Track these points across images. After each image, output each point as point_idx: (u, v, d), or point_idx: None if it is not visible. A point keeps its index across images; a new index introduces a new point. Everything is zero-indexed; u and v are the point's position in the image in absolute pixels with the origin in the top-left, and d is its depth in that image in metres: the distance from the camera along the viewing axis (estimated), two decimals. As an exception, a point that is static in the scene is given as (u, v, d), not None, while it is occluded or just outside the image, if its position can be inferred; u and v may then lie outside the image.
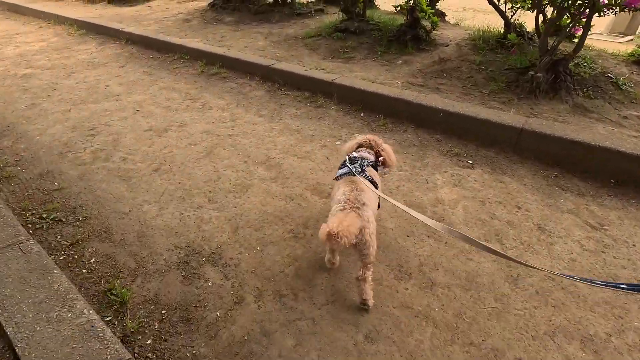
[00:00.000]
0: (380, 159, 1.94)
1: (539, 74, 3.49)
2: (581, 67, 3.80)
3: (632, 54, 4.27)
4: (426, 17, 4.74)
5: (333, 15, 6.11)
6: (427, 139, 3.20)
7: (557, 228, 2.23)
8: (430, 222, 1.27)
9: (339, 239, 1.39)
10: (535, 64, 3.77)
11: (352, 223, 1.45)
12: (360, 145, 1.98)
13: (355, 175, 1.70)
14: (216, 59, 4.94)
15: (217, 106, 3.86)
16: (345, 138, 3.20)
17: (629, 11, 3.17)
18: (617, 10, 3.15)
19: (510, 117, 3.04)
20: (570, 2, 3.23)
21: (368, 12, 5.54)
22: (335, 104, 3.82)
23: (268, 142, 3.16)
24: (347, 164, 1.80)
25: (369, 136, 2.01)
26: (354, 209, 1.55)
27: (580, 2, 3.21)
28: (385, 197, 1.50)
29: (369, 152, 1.93)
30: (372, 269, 1.66)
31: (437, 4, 5.45)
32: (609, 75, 3.85)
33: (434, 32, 4.93)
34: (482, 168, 2.80)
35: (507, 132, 2.91)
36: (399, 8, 6.61)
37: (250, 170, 2.80)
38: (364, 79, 3.99)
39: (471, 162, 2.85)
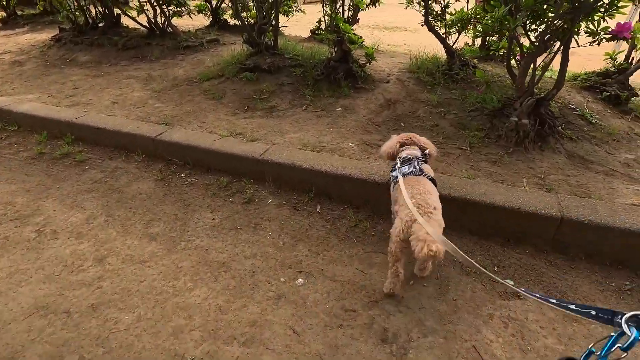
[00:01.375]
0: (426, 151, 1.95)
1: (524, 121, 2.76)
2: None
3: (574, 77, 3.96)
4: (357, 48, 3.79)
5: (233, 47, 4.80)
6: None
7: None
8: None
9: (439, 258, 1.39)
10: (507, 103, 3.07)
11: (439, 241, 1.37)
12: (402, 144, 1.99)
13: (416, 175, 1.74)
14: (66, 128, 3.19)
15: (67, 228, 2.22)
16: (309, 264, 1.95)
17: (617, 41, 2.63)
18: (601, 39, 2.58)
19: (537, 198, 2.14)
20: (551, 30, 2.55)
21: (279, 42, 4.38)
22: (272, 193, 2.53)
23: (174, 313, 1.70)
24: (400, 165, 1.82)
25: (405, 134, 2.05)
26: (428, 214, 1.55)
27: (561, 30, 2.56)
28: None
29: (414, 149, 1.95)
30: None
31: (354, 27, 4.58)
32: (572, 106, 3.38)
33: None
34: (529, 286, 1.84)
35: (540, 224, 2.02)
36: (315, 33, 5.66)
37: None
38: (305, 144, 2.79)
39: (512, 282, 1.87)
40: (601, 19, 2.42)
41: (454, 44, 3.90)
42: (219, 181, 2.63)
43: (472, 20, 3.00)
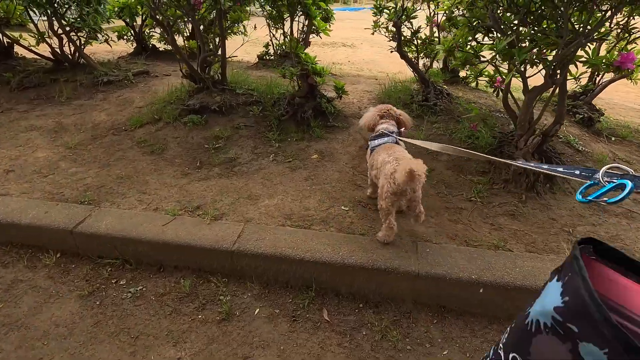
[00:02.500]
0: (402, 130, 2.14)
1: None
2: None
3: (543, 100, 3.86)
4: (324, 81, 3.27)
5: (169, 80, 3.99)
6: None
7: None
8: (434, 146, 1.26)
9: (419, 177, 1.56)
10: (502, 139, 2.76)
11: (419, 163, 1.57)
12: (381, 117, 2.12)
13: (394, 143, 1.95)
14: None
15: None
16: None
17: (618, 73, 2.44)
18: (605, 71, 2.36)
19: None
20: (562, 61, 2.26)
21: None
22: (257, 296, 1.84)
23: None
24: (378, 137, 2.02)
25: (383, 106, 2.18)
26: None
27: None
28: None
29: (392, 124, 2.11)
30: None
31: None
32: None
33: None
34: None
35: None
36: (263, 59, 5.01)
37: None
38: (287, 216, 2.16)
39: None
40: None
41: (426, 71, 3.57)
42: (178, 287, 1.88)
43: (456, 48, 2.66)
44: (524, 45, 2.29)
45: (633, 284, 0.49)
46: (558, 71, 2.31)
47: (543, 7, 2.23)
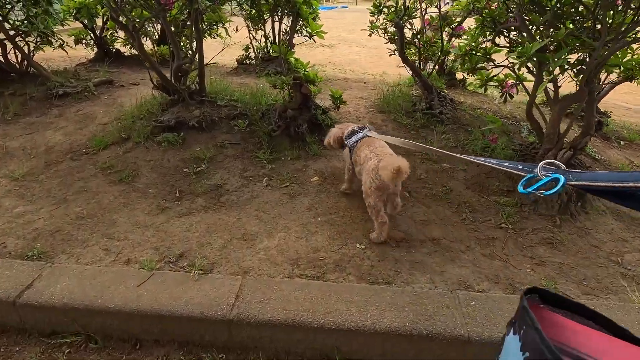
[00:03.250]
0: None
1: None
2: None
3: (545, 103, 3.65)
4: (319, 90, 2.89)
5: (137, 90, 3.48)
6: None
7: None
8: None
9: (405, 173, 1.61)
10: (524, 152, 2.48)
11: (403, 160, 1.64)
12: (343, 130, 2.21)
13: (370, 136, 1.97)
14: None
15: None
16: None
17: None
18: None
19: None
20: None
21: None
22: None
23: None
24: (351, 135, 2.09)
25: (344, 125, 2.29)
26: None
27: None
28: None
29: (357, 126, 2.17)
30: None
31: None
32: (566, 140, 2.97)
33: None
34: None
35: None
36: (244, 63, 4.55)
37: None
38: (293, 261, 1.77)
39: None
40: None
41: (415, 69, 3.25)
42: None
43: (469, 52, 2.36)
44: (551, 48, 2.01)
45: (579, 325, 0.52)
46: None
47: (575, 6, 1.95)
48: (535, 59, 1.94)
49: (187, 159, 2.62)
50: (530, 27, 2.07)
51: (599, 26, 1.88)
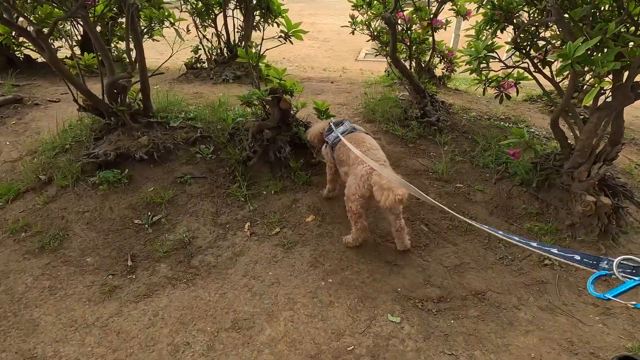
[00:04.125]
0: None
1: (604, 199, 1.88)
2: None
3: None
4: (304, 106, 2.35)
5: (58, 110, 2.68)
6: None
7: None
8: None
9: (403, 200, 1.45)
10: (548, 167, 2.15)
11: (404, 190, 1.44)
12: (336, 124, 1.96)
13: (356, 131, 1.82)
14: None
15: None
16: None
17: None
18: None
19: None
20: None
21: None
22: None
23: None
24: (334, 126, 1.86)
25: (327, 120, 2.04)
26: (382, 165, 1.60)
27: None
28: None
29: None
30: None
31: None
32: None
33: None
34: None
35: None
36: (194, 67, 3.78)
37: None
38: (312, 359, 1.27)
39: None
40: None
41: (407, 72, 2.85)
42: None
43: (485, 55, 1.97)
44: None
45: None
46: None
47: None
48: (578, 62, 1.59)
49: (138, 206, 1.97)
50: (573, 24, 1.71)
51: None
